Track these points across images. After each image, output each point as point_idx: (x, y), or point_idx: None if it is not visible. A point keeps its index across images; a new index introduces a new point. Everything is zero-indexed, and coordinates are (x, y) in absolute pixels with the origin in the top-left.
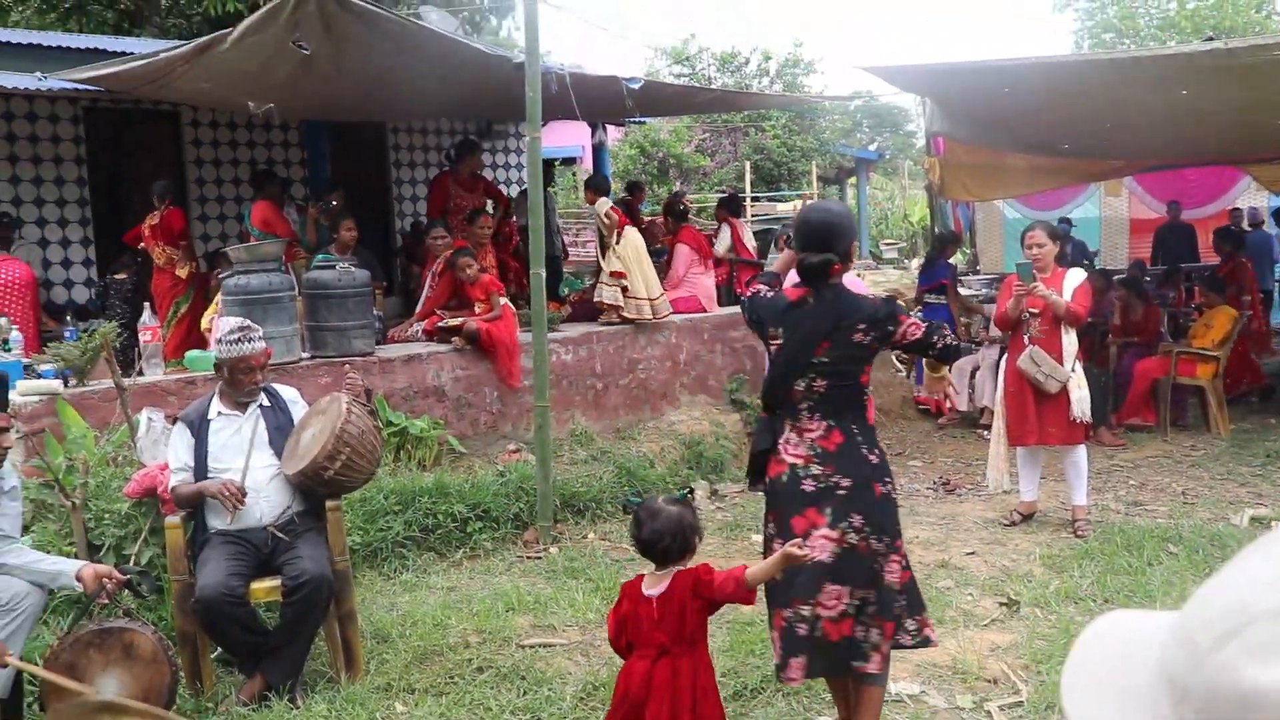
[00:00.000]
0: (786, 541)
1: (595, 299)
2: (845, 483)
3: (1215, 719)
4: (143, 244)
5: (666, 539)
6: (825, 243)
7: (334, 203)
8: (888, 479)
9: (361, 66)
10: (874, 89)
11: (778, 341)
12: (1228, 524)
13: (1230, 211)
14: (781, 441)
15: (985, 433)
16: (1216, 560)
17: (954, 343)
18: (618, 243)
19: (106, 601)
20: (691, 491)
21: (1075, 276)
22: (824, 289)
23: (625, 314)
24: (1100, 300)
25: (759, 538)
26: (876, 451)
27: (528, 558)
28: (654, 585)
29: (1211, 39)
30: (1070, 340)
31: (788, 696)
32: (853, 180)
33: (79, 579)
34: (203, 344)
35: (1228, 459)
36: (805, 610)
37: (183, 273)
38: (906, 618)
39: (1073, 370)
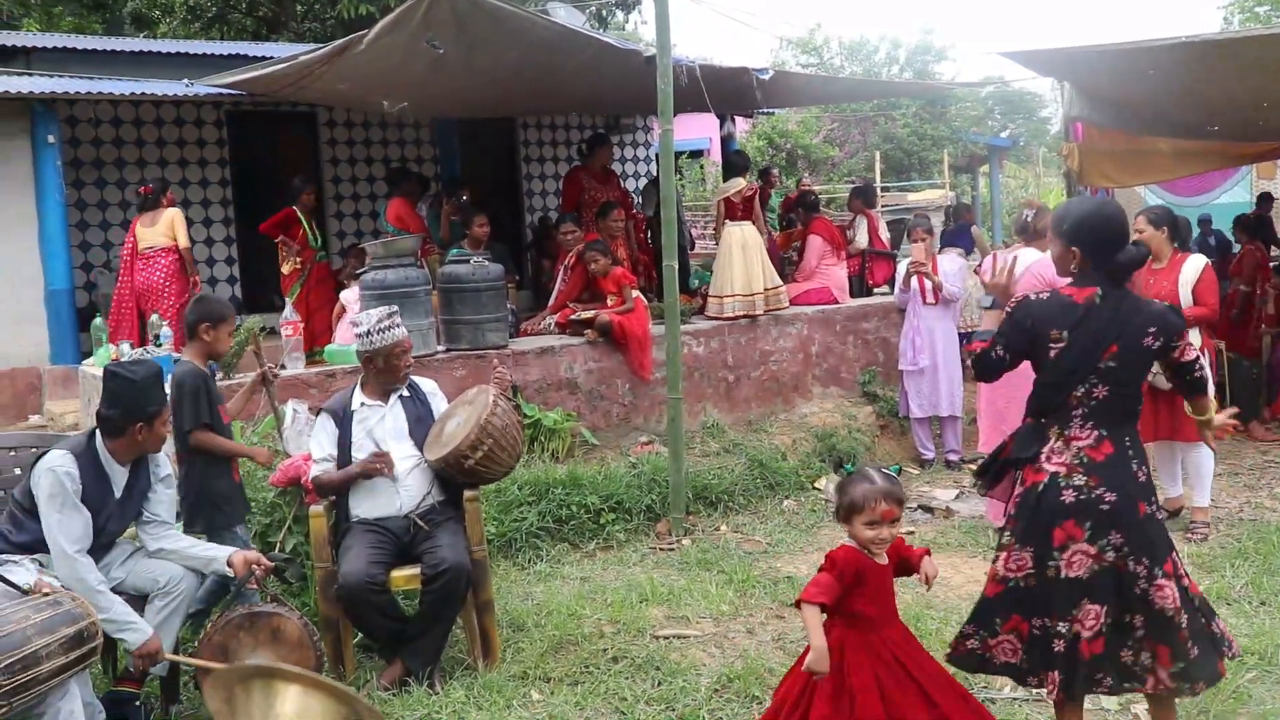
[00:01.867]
0: (1025, 551)
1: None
2: (1110, 497)
3: None
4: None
5: (871, 500)
6: (1124, 238)
7: (464, 197)
8: (1153, 499)
9: (492, 64)
10: (1007, 74)
11: (1060, 344)
12: None
13: None
14: (1045, 449)
15: None
16: None
17: (1205, 375)
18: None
19: (255, 586)
20: (900, 470)
21: (1194, 265)
22: (1114, 289)
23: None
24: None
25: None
26: (1144, 469)
27: (660, 549)
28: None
29: None
30: (1194, 334)
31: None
32: (984, 168)
33: (230, 564)
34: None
35: None
36: (1063, 627)
37: (286, 268)
38: (1196, 638)
39: None
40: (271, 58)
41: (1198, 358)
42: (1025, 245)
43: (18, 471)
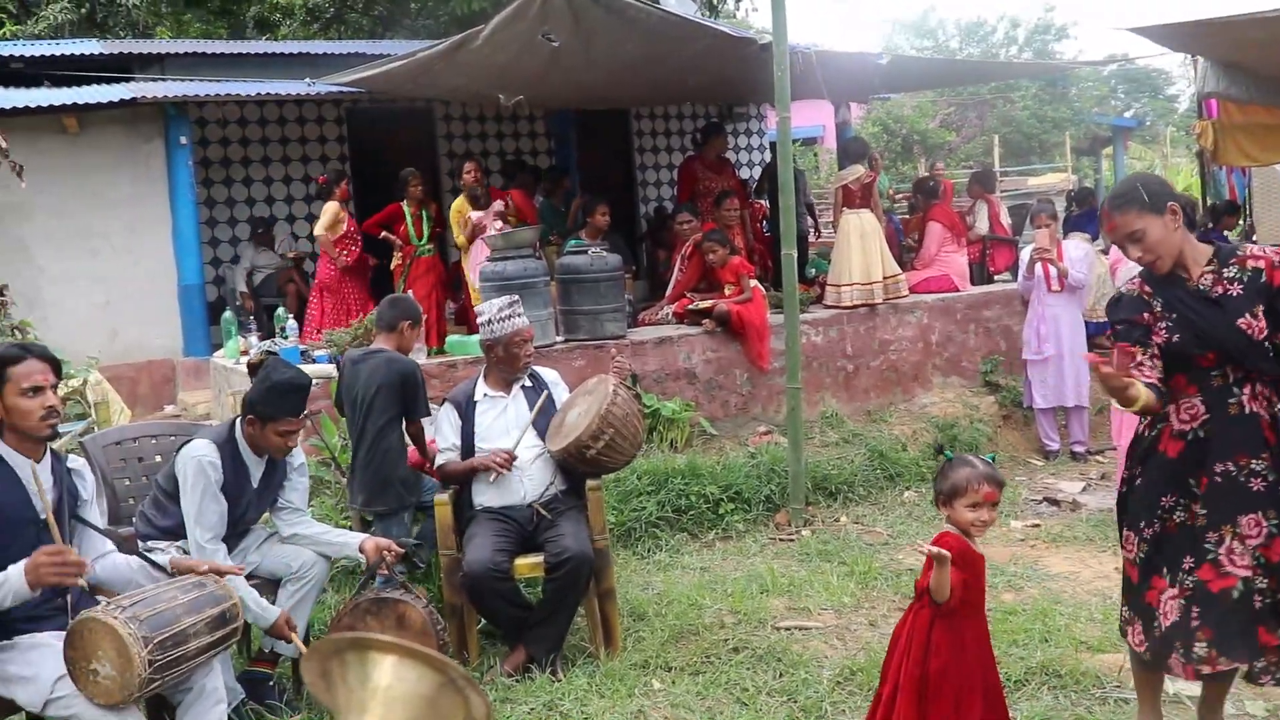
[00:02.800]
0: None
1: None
2: None
3: None
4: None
5: (975, 480)
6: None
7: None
8: None
9: (607, 55)
10: (1131, 51)
11: None
12: None
13: None
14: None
15: None
16: None
17: None
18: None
19: (386, 573)
20: (994, 459)
21: None
22: None
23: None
24: None
25: (1018, 524)
26: None
27: (780, 540)
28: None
29: None
30: None
31: (1054, 690)
32: (1108, 150)
33: (361, 550)
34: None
35: None
36: None
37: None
38: None
39: None
40: (388, 55)
41: None
42: None
43: (158, 459)
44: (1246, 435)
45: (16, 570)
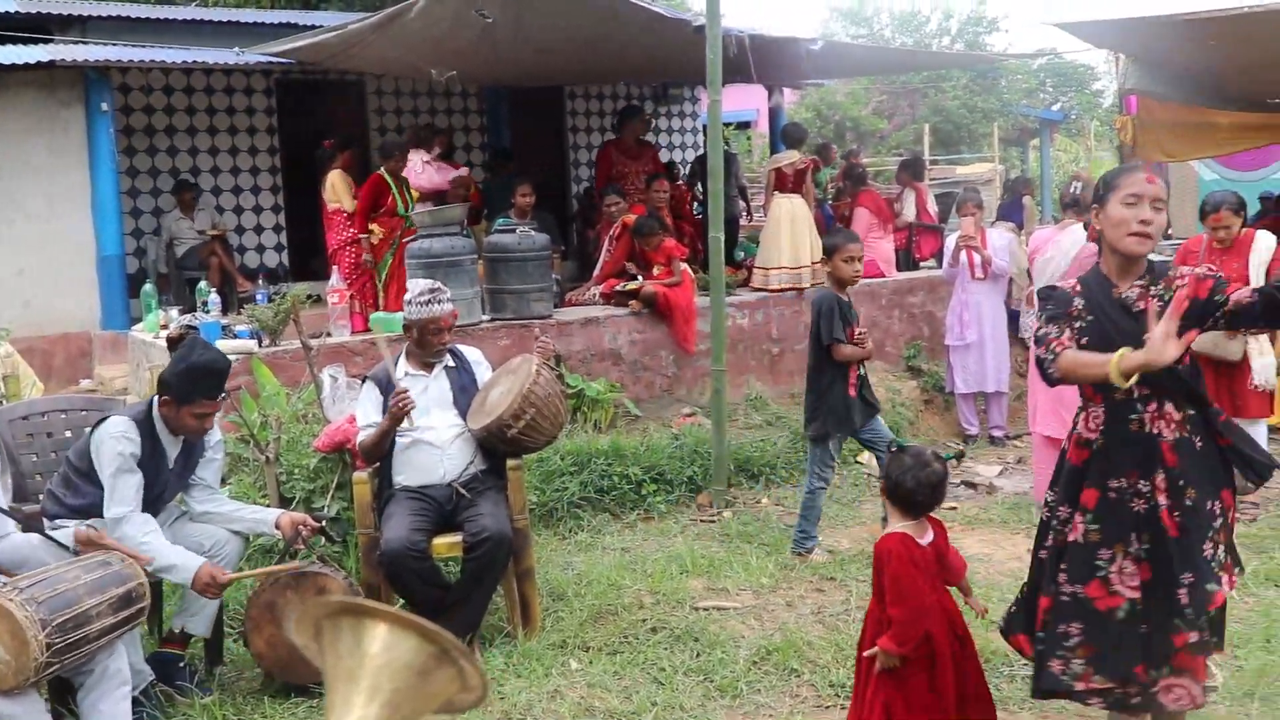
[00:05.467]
0: None
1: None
2: None
3: None
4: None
5: (924, 492)
6: None
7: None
8: None
9: (541, 32)
10: (1060, 46)
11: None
12: None
13: None
14: None
15: None
16: None
17: None
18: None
19: (302, 547)
20: (962, 453)
21: (1266, 243)
22: None
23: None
24: None
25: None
26: None
27: (701, 521)
28: (922, 534)
29: None
30: None
31: None
32: (1035, 142)
33: (278, 526)
34: None
35: None
36: None
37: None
38: None
39: (1255, 336)
40: (321, 26)
41: None
42: (1075, 220)
43: (69, 434)
44: (1141, 454)
45: None
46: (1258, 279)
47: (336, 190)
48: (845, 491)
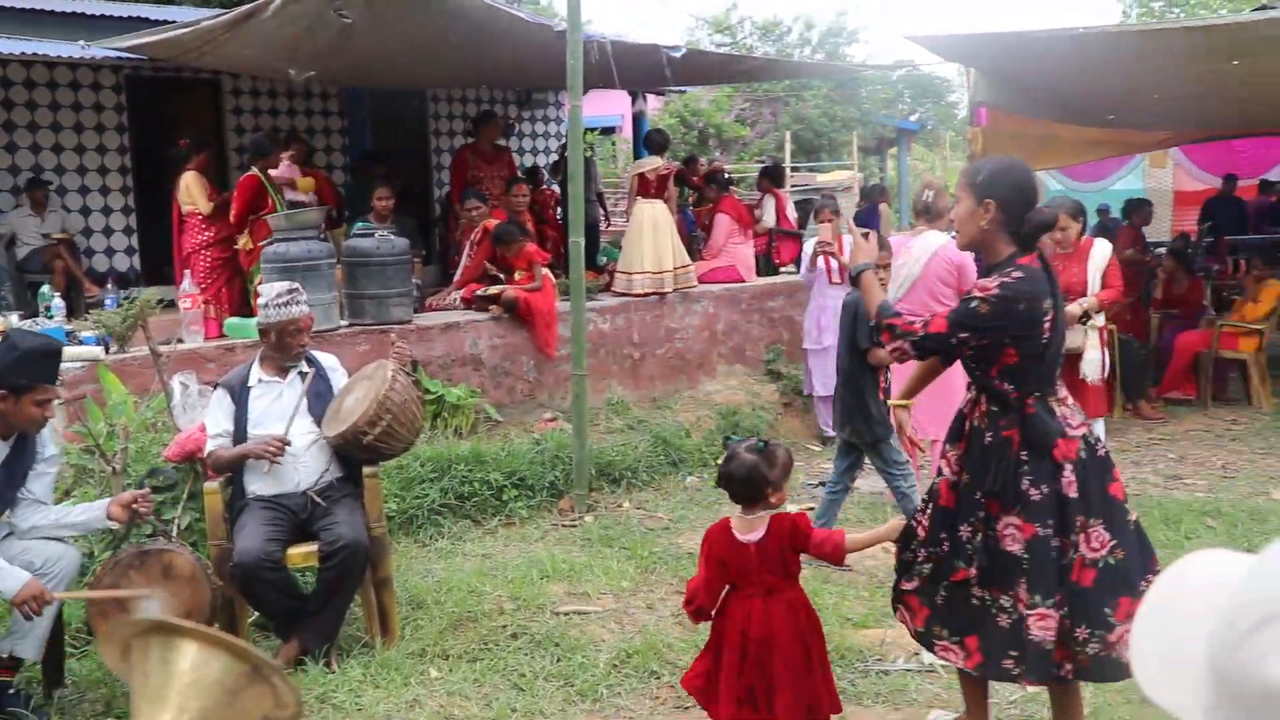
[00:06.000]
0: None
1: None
2: None
3: (1241, 704)
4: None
5: (735, 484)
6: (1037, 196)
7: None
8: None
9: (402, 34)
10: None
11: (1051, 315)
12: (1268, 499)
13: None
14: (1061, 418)
15: None
16: (1256, 535)
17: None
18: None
19: (142, 522)
20: (766, 444)
21: (1102, 251)
22: (1038, 251)
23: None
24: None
25: (793, 507)
26: None
27: (563, 526)
28: (747, 531)
29: (1265, 7)
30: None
31: None
32: (893, 151)
33: (110, 517)
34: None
35: (1269, 433)
36: None
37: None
38: None
39: (1084, 334)
40: (173, 21)
41: None
42: (927, 227)
43: None
44: (955, 428)
45: None
46: (1094, 285)
47: (191, 192)
48: (706, 494)
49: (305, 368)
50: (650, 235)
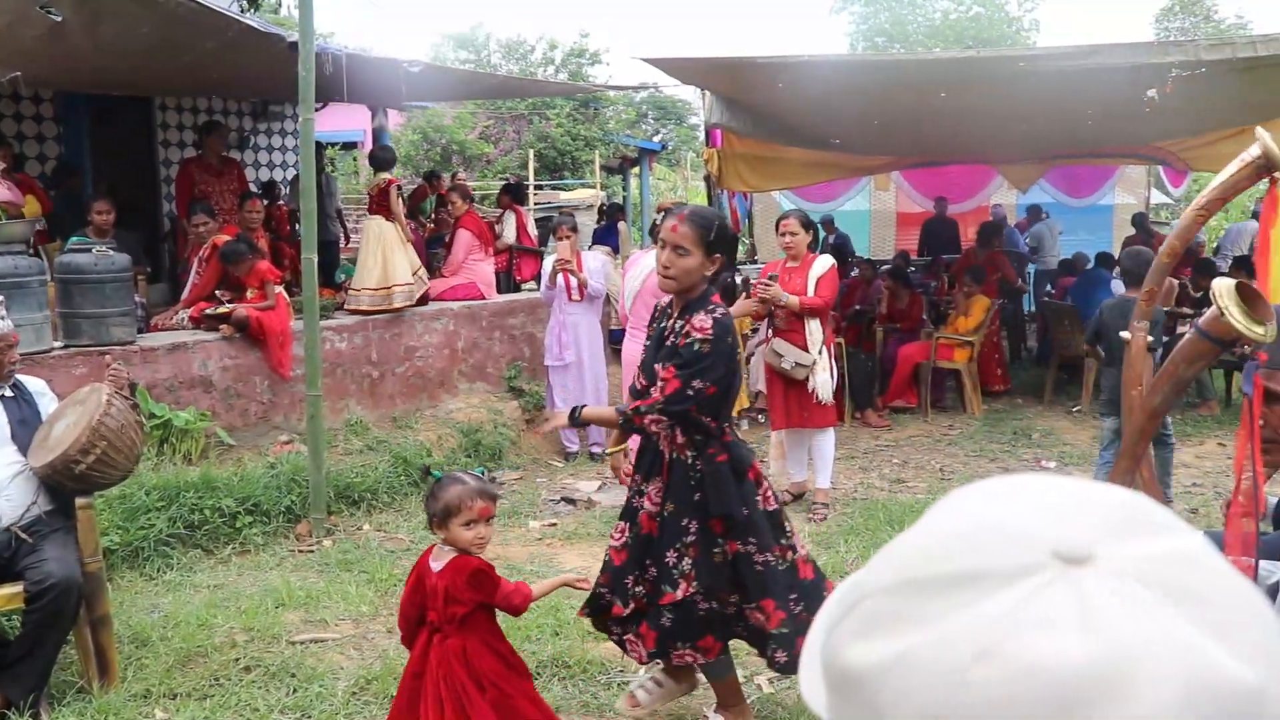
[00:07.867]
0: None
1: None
2: None
3: (836, 690)
4: None
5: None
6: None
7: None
8: None
9: (119, 36)
10: (660, 81)
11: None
12: None
13: (991, 207)
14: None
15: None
16: None
17: None
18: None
19: None
20: (485, 473)
21: (822, 264)
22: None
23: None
24: (867, 288)
25: (536, 524)
26: None
27: (300, 551)
28: (438, 559)
29: (969, 48)
30: (815, 327)
31: (563, 680)
32: (636, 170)
33: None
34: None
35: (980, 437)
36: None
37: None
38: None
39: (819, 355)
40: None
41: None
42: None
43: None
44: (649, 461)
45: None
46: (810, 290)
47: None
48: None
49: (9, 392)
50: (376, 250)
